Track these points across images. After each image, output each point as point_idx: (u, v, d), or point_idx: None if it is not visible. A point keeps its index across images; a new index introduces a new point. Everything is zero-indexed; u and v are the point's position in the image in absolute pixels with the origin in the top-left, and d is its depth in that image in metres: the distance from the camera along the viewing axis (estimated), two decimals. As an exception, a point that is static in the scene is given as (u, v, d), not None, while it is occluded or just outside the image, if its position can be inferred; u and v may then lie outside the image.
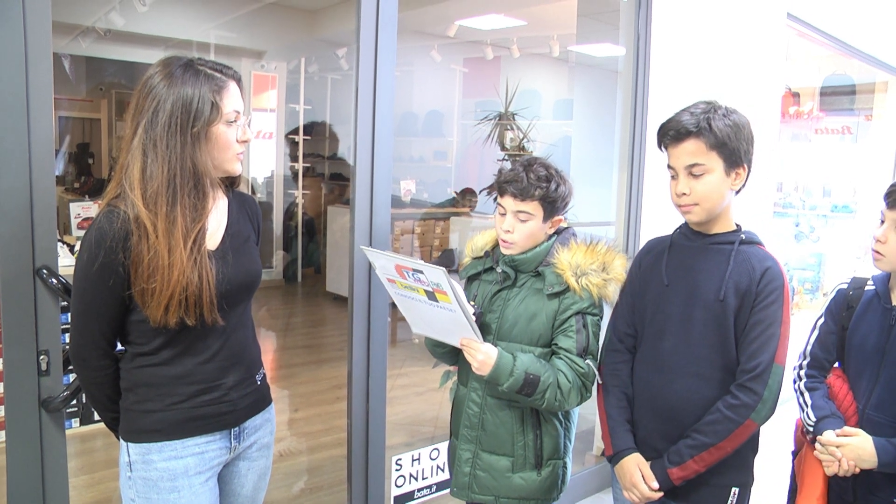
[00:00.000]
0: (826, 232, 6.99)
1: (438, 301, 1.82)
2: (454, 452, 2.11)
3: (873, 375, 1.87)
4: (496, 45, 7.43)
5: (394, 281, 1.90)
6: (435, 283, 1.77)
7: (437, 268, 1.73)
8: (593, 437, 3.87)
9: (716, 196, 1.82)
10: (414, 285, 1.84)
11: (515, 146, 5.81)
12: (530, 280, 1.99)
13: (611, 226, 3.77)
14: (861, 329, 1.93)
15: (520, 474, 2.00)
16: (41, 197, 1.87)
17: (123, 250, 1.54)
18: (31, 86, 1.83)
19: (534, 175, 1.94)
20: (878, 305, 1.92)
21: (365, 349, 2.58)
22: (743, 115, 1.84)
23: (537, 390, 1.85)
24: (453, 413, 2.16)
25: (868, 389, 1.88)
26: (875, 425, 1.84)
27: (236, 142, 1.66)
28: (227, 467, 1.81)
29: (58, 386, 1.95)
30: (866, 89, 7.24)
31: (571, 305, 1.93)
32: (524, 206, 1.95)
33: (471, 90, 8.43)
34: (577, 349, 1.92)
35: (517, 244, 1.97)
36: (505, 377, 1.84)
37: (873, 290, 1.95)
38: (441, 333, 1.97)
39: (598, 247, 1.97)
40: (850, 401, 1.92)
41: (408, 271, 1.81)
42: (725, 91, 3.74)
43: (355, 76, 2.45)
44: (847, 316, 1.98)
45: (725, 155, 1.79)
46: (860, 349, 1.92)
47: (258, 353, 1.86)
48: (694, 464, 1.81)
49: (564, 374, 1.89)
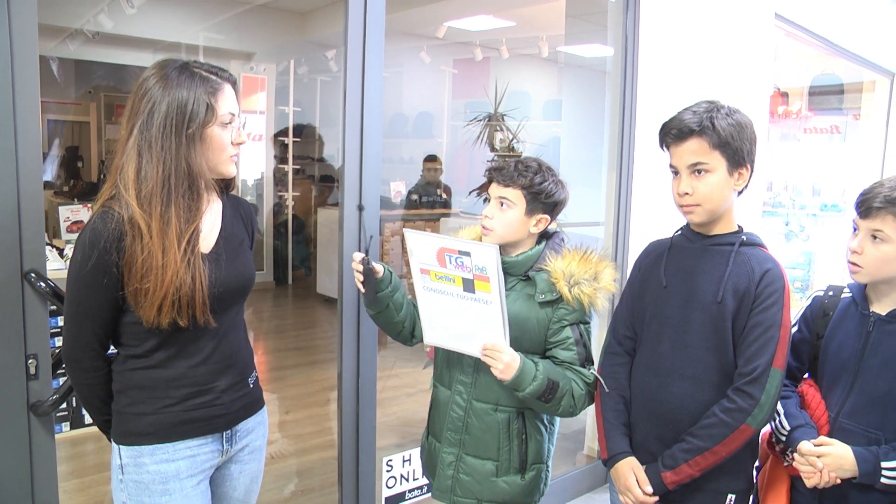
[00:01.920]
0: (816, 231, 7.02)
1: (475, 292, 1.80)
2: (433, 454, 2.10)
3: (848, 383, 1.82)
4: (485, 46, 7.45)
5: (427, 272, 1.87)
6: (480, 266, 1.75)
7: (490, 246, 1.73)
8: (584, 438, 3.88)
9: (718, 196, 1.80)
10: (452, 273, 1.82)
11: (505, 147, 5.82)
12: (520, 284, 1.98)
13: (600, 226, 3.78)
14: (838, 336, 1.89)
15: (504, 478, 2.00)
16: (29, 201, 1.86)
17: (117, 251, 1.54)
18: (18, 89, 1.82)
19: (522, 165, 1.96)
20: (855, 312, 1.87)
21: (355, 351, 2.58)
22: (745, 115, 1.82)
23: (555, 397, 1.86)
24: (432, 413, 2.14)
25: (842, 397, 1.83)
26: (846, 433, 1.78)
27: (231, 144, 1.67)
28: (219, 470, 1.81)
29: (46, 390, 1.95)
30: (854, 88, 7.28)
31: (565, 317, 1.93)
32: (506, 192, 1.95)
33: (460, 91, 8.44)
34: (579, 360, 1.94)
35: (495, 231, 1.96)
36: (528, 382, 1.83)
37: (850, 297, 1.91)
38: (460, 339, 1.93)
39: (591, 256, 1.96)
40: (822, 410, 1.87)
41: (451, 255, 1.79)
42: (714, 91, 3.75)
43: (343, 77, 2.45)
44: (823, 323, 1.93)
45: (728, 154, 1.77)
46: (836, 356, 1.87)
47: (251, 356, 1.86)
48: (688, 468, 1.78)
49: (576, 382, 1.91)
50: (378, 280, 1.94)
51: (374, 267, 1.93)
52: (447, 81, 8.45)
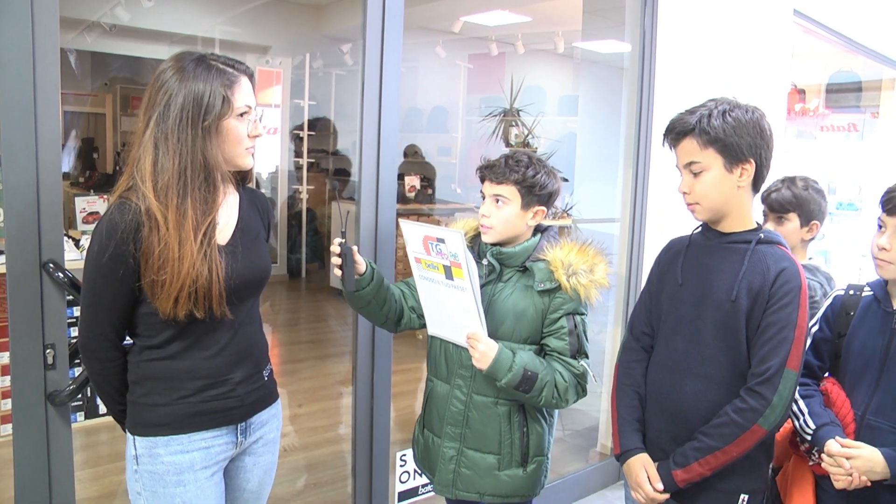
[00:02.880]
0: (831, 229, 6.98)
1: (454, 279, 1.81)
2: (431, 449, 2.09)
3: (873, 380, 1.81)
4: (501, 41, 7.43)
5: (420, 260, 1.89)
6: (454, 253, 1.76)
7: (455, 231, 1.73)
8: (597, 435, 3.88)
9: (715, 194, 1.79)
10: (436, 261, 1.83)
11: (520, 142, 5.80)
12: (516, 275, 1.99)
13: (615, 223, 3.77)
14: (860, 334, 1.88)
15: (506, 472, 2.00)
16: (48, 192, 1.88)
17: (134, 241, 1.55)
18: (39, 82, 1.84)
19: (513, 161, 1.96)
20: (877, 310, 1.87)
21: (370, 344, 2.58)
22: (751, 110, 1.79)
23: (534, 388, 1.85)
24: (428, 408, 2.13)
25: (868, 394, 1.82)
26: (875, 431, 1.78)
27: (247, 136, 1.67)
28: (233, 462, 1.82)
29: (64, 380, 1.96)
30: (873, 86, 7.22)
31: (562, 305, 1.94)
32: (500, 190, 1.95)
33: (475, 86, 8.42)
34: (570, 351, 1.93)
35: (495, 229, 1.97)
36: (503, 372, 1.83)
37: (871, 295, 1.91)
38: (452, 330, 1.95)
39: (588, 248, 1.96)
40: (847, 408, 1.86)
41: (432, 242, 1.81)
42: (731, 87, 3.73)
43: (361, 71, 2.45)
44: (845, 322, 1.93)
45: (723, 151, 1.76)
46: (860, 354, 1.86)
47: (265, 348, 1.86)
48: (699, 467, 1.78)
49: (561, 373, 1.90)
50: (358, 278, 1.92)
51: (354, 253, 1.89)
52: (462, 76, 8.44)
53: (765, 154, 1.81)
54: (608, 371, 3.63)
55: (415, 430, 2.20)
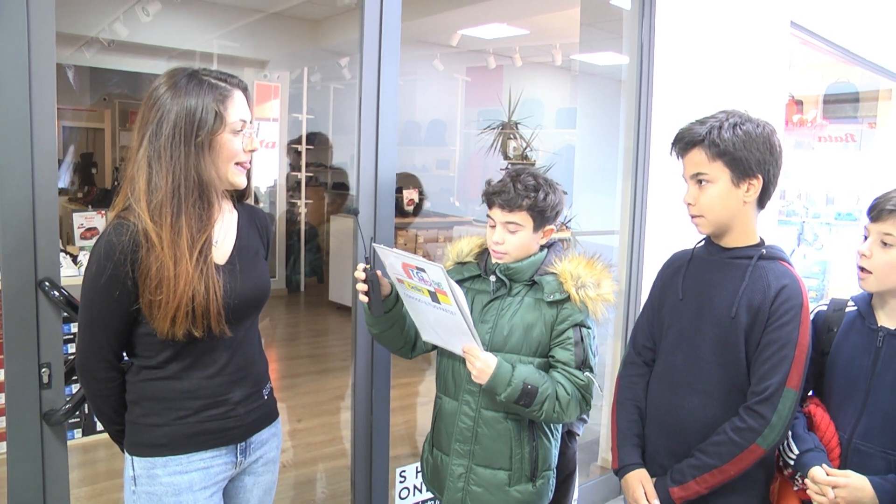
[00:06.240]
0: (830, 240, 6.97)
1: (440, 303, 1.80)
2: (440, 468, 2.07)
3: (859, 401, 1.75)
4: (499, 54, 7.45)
5: (402, 281, 1.88)
6: (436, 282, 1.74)
7: (436, 265, 1.71)
8: (598, 449, 3.85)
9: (720, 208, 1.77)
10: (419, 285, 1.82)
11: (518, 155, 5.79)
12: (525, 289, 1.98)
13: (614, 235, 3.76)
14: (844, 352, 1.82)
15: (516, 487, 1.98)
16: (44, 209, 1.86)
17: (131, 262, 1.54)
18: (35, 97, 1.82)
19: (521, 185, 1.93)
20: (861, 326, 1.81)
21: (368, 359, 2.56)
22: (762, 125, 1.77)
23: (535, 401, 1.83)
24: (436, 427, 2.10)
25: (854, 417, 1.76)
26: (863, 456, 1.72)
27: (243, 151, 1.66)
28: (233, 482, 1.80)
29: (59, 399, 1.94)
30: (870, 97, 7.23)
31: (570, 316, 1.92)
32: (512, 217, 1.93)
33: (473, 99, 8.44)
34: (575, 362, 1.91)
35: (509, 254, 1.96)
36: (503, 387, 1.82)
37: (855, 311, 1.85)
38: (445, 340, 1.94)
39: (596, 262, 1.96)
40: (832, 431, 1.80)
41: (413, 269, 1.79)
42: (729, 99, 3.73)
43: (359, 85, 2.45)
44: (828, 339, 1.87)
45: (732, 165, 1.74)
46: (844, 373, 1.80)
47: (265, 367, 1.85)
48: (695, 484, 1.76)
49: (563, 386, 1.88)
50: (385, 299, 1.92)
51: (379, 277, 1.90)
52: (460, 89, 8.46)
53: (773, 171, 1.79)
54: (609, 385, 3.61)
55: (423, 451, 2.18)
